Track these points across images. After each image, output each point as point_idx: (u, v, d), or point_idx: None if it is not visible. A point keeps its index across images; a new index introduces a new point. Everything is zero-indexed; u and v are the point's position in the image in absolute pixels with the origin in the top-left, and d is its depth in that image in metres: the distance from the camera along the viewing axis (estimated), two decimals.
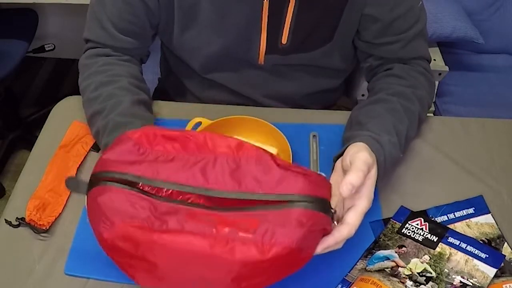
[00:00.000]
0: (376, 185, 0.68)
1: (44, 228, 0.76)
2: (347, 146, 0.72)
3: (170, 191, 0.57)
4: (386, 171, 0.76)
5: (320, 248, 0.61)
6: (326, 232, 0.61)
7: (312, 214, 0.56)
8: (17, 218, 0.77)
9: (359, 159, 0.66)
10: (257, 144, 0.84)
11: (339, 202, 0.68)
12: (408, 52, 0.90)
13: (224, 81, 0.98)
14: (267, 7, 0.83)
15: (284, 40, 0.87)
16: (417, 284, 0.68)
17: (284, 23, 0.85)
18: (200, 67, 0.95)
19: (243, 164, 0.58)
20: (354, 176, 0.63)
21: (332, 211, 0.60)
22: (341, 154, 0.72)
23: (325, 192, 0.60)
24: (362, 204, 0.64)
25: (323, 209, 0.58)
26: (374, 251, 0.73)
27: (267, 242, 0.54)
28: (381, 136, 0.76)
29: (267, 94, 1.00)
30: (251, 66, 0.94)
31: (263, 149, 0.60)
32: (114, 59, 0.89)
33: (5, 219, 0.77)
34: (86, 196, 0.61)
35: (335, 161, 0.75)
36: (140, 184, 0.57)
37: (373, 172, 0.68)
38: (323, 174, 0.64)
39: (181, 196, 0.57)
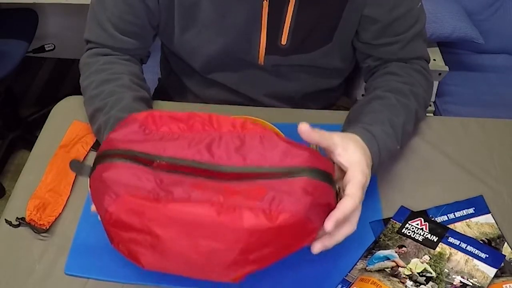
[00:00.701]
0: (376, 180, 0.68)
1: (44, 228, 0.76)
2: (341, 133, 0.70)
3: (178, 165, 0.57)
4: (382, 162, 0.76)
5: (330, 223, 0.58)
6: (331, 207, 0.60)
7: (317, 184, 0.57)
8: (17, 218, 0.77)
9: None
10: None
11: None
12: (407, 53, 0.90)
13: (224, 80, 0.98)
14: (267, 7, 0.83)
15: (283, 40, 0.88)
16: (417, 284, 0.68)
17: (284, 23, 0.85)
18: (201, 66, 0.95)
19: (248, 140, 0.59)
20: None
21: (337, 186, 0.60)
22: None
23: (329, 167, 0.61)
24: (357, 176, 0.63)
25: (328, 180, 0.58)
26: (374, 251, 0.73)
27: (274, 209, 0.54)
28: (373, 126, 0.76)
29: (268, 93, 1.00)
30: (251, 66, 0.94)
31: (267, 128, 0.61)
32: (115, 58, 0.89)
33: (5, 219, 0.77)
34: (89, 179, 0.61)
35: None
36: (147, 160, 0.57)
37: (352, 146, 0.66)
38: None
39: (189, 170, 0.57)
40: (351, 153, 0.66)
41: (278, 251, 0.57)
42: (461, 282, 0.68)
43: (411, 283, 0.68)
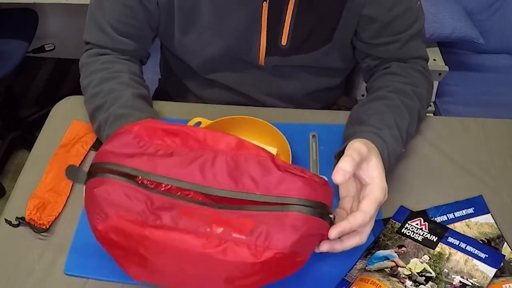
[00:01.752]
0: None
1: (44, 227, 0.76)
2: (348, 143, 0.72)
3: (169, 186, 0.57)
4: (391, 166, 0.76)
5: (334, 233, 0.60)
6: (323, 237, 0.61)
7: (308, 218, 0.56)
8: (17, 217, 0.77)
9: (349, 148, 0.66)
10: (257, 144, 0.85)
11: (353, 201, 0.68)
12: (406, 52, 0.90)
13: (225, 80, 0.98)
14: (267, 9, 0.83)
15: (284, 41, 0.88)
16: (416, 284, 0.68)
17: (284, 24, 0.85)
18: (201, 68, 0.96)
19: (242, 163, 0.58)
20: (343, 162, 0.63)
21: (331, 216, 0.60)
22: (342, 151, 0.72)
23: (324, 196, 0.59)
24: (375, 193, 0.65)
25: (320, 213, 0.57)
26: (373, 251, 0.73)
27: (260, 245, 0.53)
28: (383, 131, 0.76)
29: (268, 93, 1.00)
30: (252, 67, 0.94)
31: (263, 149, 0.60)
32: (114, 57, 0.89)
33: (5, 219, 0.77)
34: (84, 187, 0.61)
35: (336, 158, 0.75)
36: (139, 178, 0.57)
37: (374, 161, 0.67)
38: (325, 178, 0.63)
39: (179, 192, 0.57)
40: (373, 168, 0.67)
41: (264, 279, 0.57)
42: (460, 282, 0.68)
43: (411, 283, 0.68)
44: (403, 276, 0.69)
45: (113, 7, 0.85)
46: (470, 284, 0.68)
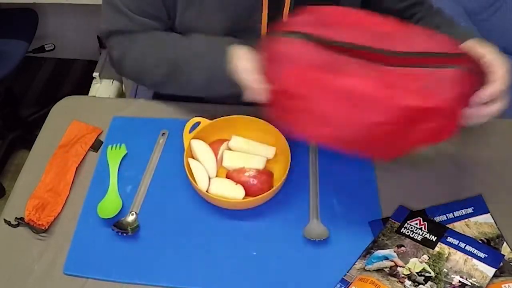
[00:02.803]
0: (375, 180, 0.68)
1: (43, 228, 0.76)
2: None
3: (349, 49, 0.63)
4: None
5: (485, 94, 0.66)
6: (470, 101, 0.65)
7: (466, 74, 0.62)
8: (16, 218, 0.77)
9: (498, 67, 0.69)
10: (257, 143, 0.85)
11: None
12: None
13: None
14: None
15: (285, 17, 0.87)
16: (416, 283, 0.68)
17: (284, 3, 0.85)
18: None
19: (412, 35, 0.66)
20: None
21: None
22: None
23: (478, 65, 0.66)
24: (502, 66, 0.69)
25: (476, 72, 0.64)
26: (373, 250, 0.73)
27: (427, 94, 0.59)
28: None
29: None
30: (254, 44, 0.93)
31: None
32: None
33: (4, 219, 0.77)
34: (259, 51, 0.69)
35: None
36: (319, 42, 0.63)
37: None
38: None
39: (357, 54, 0.63)
40: (489, 52, 0.71)
41: (417, 136, 0.62)
42: (460, 281, 0.68)
43: (410, 282, 0.68)
44: (402, 275, 0.69)
45: None
46: (470, 284, 0.68)
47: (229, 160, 0.83)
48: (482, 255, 0.71)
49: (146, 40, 0.88)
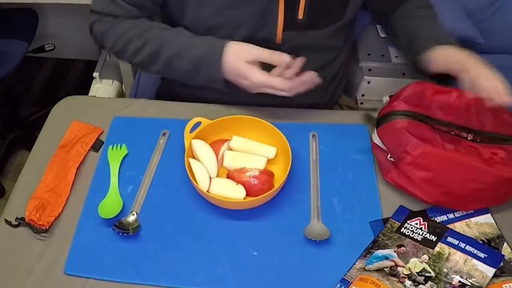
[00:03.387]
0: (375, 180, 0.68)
1: (43, 228, 0.76)
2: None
3: (447, 128, 0.81)
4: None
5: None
6: None
7: None
8: (16, 218, 0.77)
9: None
10: (257, 143, 0.85)
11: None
12: None
13: None
14: None
15: (300, 14, 0.87)
16: (416, 283, 0.68)
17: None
18: None
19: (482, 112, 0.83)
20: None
21: None
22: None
23: None
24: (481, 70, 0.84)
25: None
26: (373, 250, 0.73)
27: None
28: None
29: None
30: (267, 47, 0.93)
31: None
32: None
33: (4, 219, 0.77)
34: (375, 129, 0.84)
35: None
36: (424, 120, 0.81)
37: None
38: None
39: (454, 132, 0.82)
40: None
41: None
42: (460, 281, 0.68)
43: (410, 282, 0.68)
44: (403, 275, 0.69)
45: None
46: (470, 284, 0.68)
47: (230, 160, 0.83)
48: (482, 255, 0.71)
49: (131, 23, 0.90)
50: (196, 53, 0.85)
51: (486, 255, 0.71)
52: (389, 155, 0.83)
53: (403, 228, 0.76)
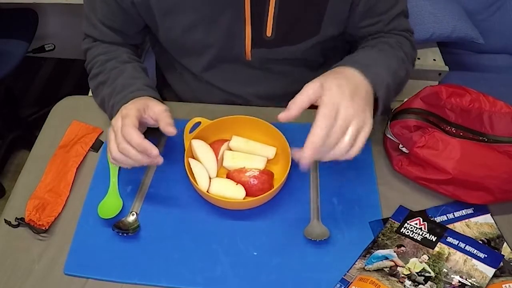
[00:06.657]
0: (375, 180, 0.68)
1: (43, 228, 0.76)
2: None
3: (459, 130, 0.83)
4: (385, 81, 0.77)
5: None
6: None
7: None
8: (16, 218, 0.77)
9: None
10: (257, 143, 0.85)
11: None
12: (390, 28, 0.92)
13: (214, 81, 0.98)
14: (249, 0, 0.83)
15: (268, 32, 0.87)
16: (415, 283, 0.68)
17: (267, 14, 0.85)
18: (192, 66, 0.97)
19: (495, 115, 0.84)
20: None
21: None
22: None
23: None
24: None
25: None
26: (373, 250, 0.73)
27: None
28: (359, 56, 0.81)
29: (257, 92, 1.00)
30: (239, 63, 0.94)
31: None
32: (110, 44, 0.94)
33: (4, 219, 0.77)
34: (389, 122, 0.85)
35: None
36: (435, 120, 0.82)
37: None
38: None
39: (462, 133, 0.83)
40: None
41: None
42: (459, 281, 0.68)
43: (410, 282, 0.68)
44: (402, 275, 0.69)
45: (99, 3, 0.88)
46: (469, 284, 0.68)
47: (230, 160, 0.83)
48: (481, 255, 0.71)
49: (104, 49, 0.93)
50: (116, 85, 0.86)
51: (486, 255, 0.71)
52: (400, 145, 0.83)
53: (403, 228, 0.76)
